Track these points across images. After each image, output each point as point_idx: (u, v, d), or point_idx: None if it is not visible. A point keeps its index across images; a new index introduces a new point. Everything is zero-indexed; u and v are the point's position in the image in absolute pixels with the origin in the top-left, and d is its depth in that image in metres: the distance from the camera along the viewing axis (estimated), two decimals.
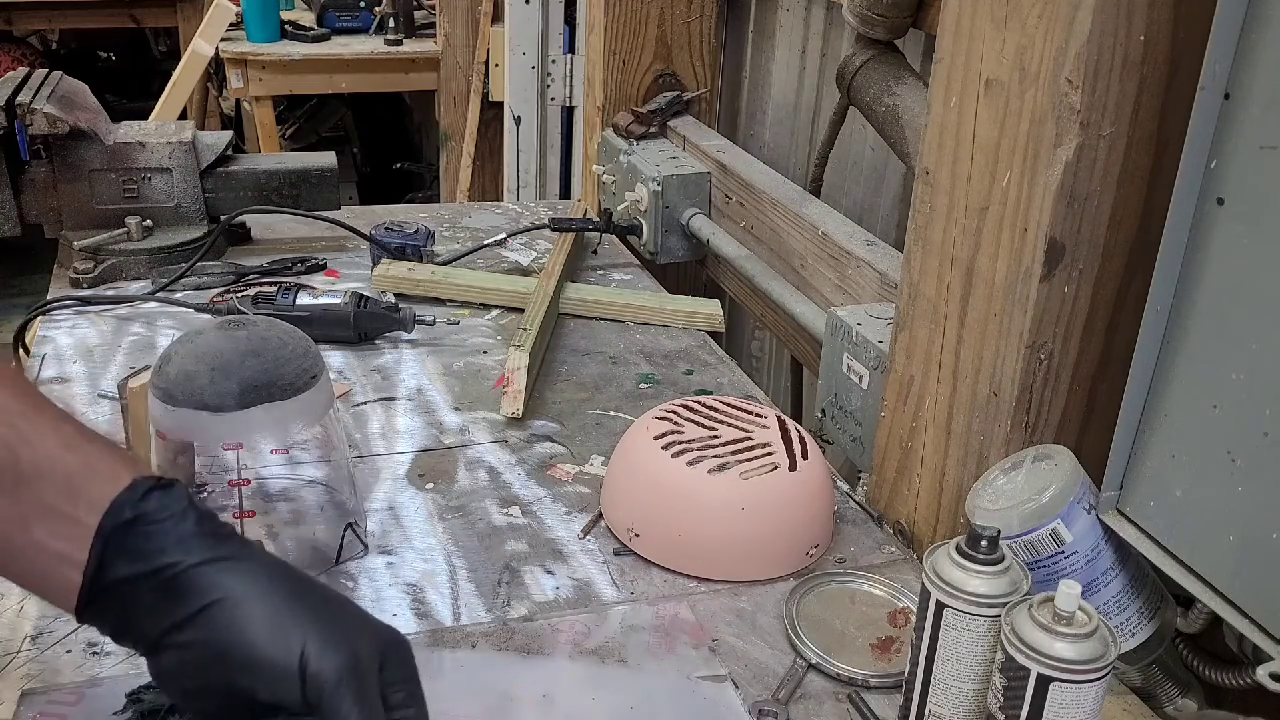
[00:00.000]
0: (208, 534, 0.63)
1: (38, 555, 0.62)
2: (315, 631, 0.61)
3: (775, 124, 1.78)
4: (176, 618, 0.61)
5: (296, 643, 0.61)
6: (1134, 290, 0.87)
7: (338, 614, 0.64)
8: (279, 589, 0.63)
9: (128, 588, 0.62)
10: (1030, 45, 0.84)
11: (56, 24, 4.09)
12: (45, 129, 1.42)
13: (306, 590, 0.64)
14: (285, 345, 0.93)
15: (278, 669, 0.60)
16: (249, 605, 0.61)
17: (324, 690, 0.60)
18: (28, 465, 0.61)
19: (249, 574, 0.62)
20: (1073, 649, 0.69)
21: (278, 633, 0.61)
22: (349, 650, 0.62)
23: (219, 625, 0.61)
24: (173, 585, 0.61)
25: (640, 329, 1.49)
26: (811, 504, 1.01)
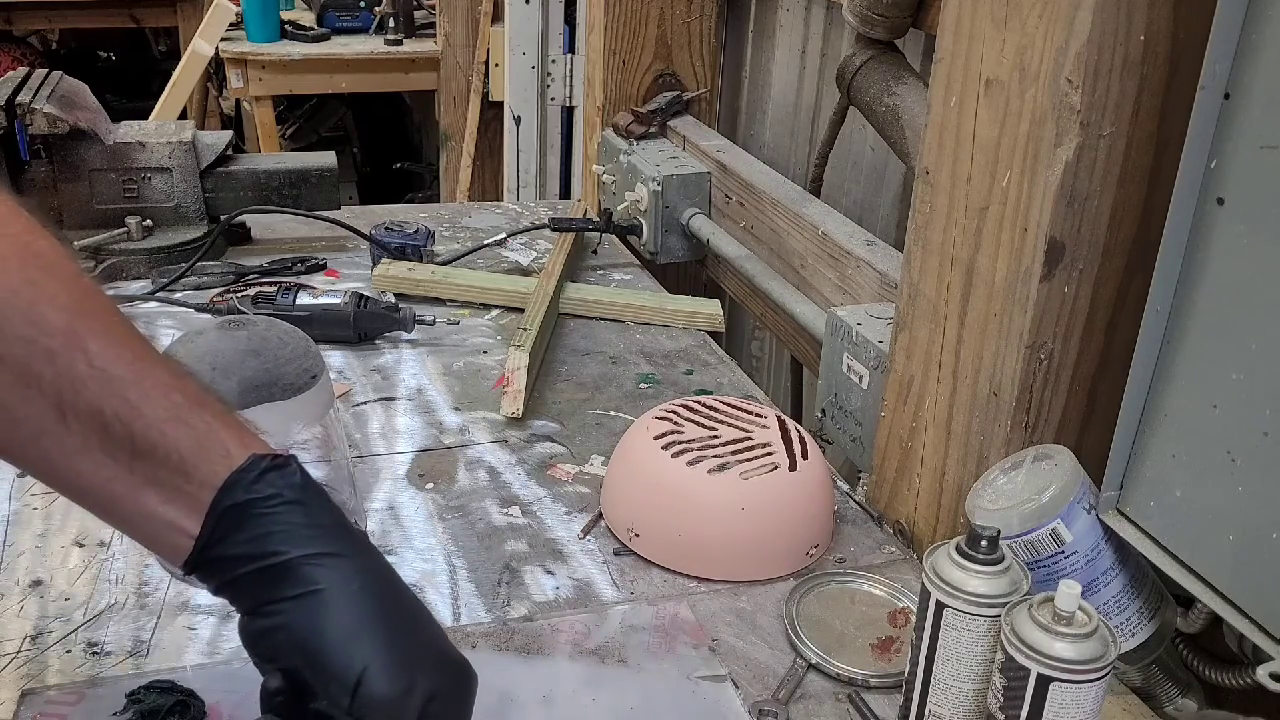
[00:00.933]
0: (316, 525, 0.66)
1: (149, 520, 0.65)
2: (382, 653, 0.64)
3: (775, 124, 1.78)
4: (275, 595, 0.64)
5: (361, 660, 0.63)
6: (1134, 290, 0.87)
7: (412, 638, 0.67)
8: (368, 598, 0.65)
9: (234, 564, 0.65)
10: (1030, 45, 0.84)
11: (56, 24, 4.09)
12: (45, 129, 1.43)
13: (393, 605, 0.67)
14: (285, 345, 0.93)
15: (337, 677, 0.63)
16: (335, 608, 0.64)
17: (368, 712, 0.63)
18: (141, 441, 0.64)
19: (346, 575, 0.65)
20: (1073, 649, 0.69)
21: (349, 644, 0.64)
22: (406, 681, 0.64)
23: (304, 616, 0.64)
24: (274, 571, 0.64)
25: (640, 329, 1.49)
26: (811, 504, 1.01)
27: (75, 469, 0.65)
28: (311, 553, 0.65)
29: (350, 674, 0.63)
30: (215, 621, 0.90)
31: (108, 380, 0.64)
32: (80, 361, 0.64)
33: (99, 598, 0.92)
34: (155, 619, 0.90)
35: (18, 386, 0.63)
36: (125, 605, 0.91)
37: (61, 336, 0.64)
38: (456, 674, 0.68)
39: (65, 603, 0.91)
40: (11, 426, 0.64)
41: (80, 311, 0.65)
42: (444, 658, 0.68)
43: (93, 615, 0.90)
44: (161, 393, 0.66)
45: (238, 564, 0.65)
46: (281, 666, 0.66)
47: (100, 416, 0.63)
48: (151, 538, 0.67)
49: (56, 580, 0.94)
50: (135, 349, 0.66)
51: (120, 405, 0.64)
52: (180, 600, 0.92)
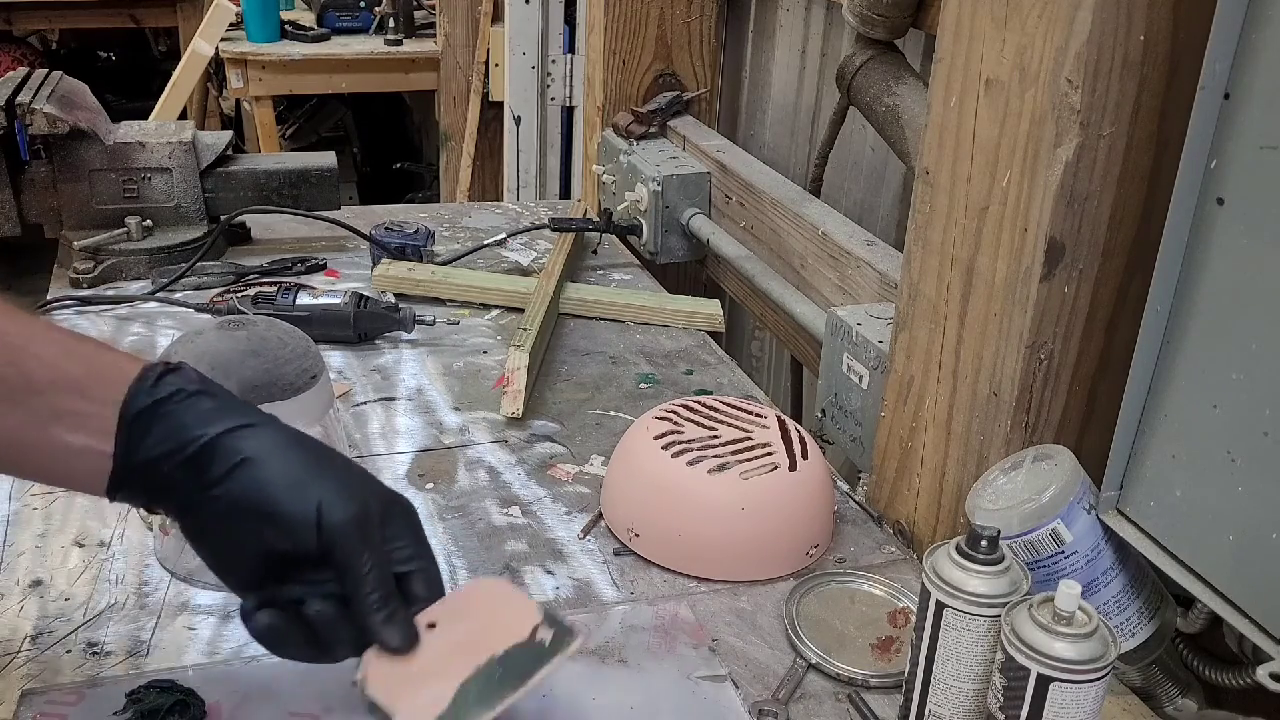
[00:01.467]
0: (223, 407, 0.69)
1: (59, 453, 0.68)
2: (329, 486, 0.68)
3: (775, 124, 1.78)
4: (206, 480, 0.67)
5: (313, 496, 0.67)
6: (1134, 290, 0.87)
7: (348, 472, 0.71)
8: (296, 450, 0.70)
9: (156, 465, 0.67)
10: (1030, 45, 0.84)
11: (56, 24, 4.09)
12: (45, 129, 1.42)
13: (320, 452, 0.71)
14: (285, 345, 0.93)
15: (296, 520, 0.67)
16: (271, 464, 0.68)
17: (337, 538, 0.67)
18: (38, 377, 0.67)
19: (268, 437, 0.69)
20: (1073, 649, 0.69)
21: (296, 488, 0.68)
22: (360, 503, 0.69)
23: (244, 483, 0.67)
24: (200, 455, 0.67)
25: (640, 329, 1.49)
26: (811, 504, 1.01)
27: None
28: (227, 428, 0.68)
29: (308, 511, 0.67)
30: (215, 621, 0.90)
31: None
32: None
33: (99, 598, 0.92)
34: (155, 619, 0.90)
35: None
36: (125, 605, 0.91)
37: None
38: (398, 497, 0.74)
39: (65, 603, 0.91)
40: None
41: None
42: (383, 487, 0.73)
43: (93, 615, 0.90)
44: (45, 335, 0.70)
45: (161, 462, 0.67)
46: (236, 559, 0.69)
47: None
48: (70, 473, 0.69)
49: (56, 580, 0.94)
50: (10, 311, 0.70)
51: (9, 353, 0.67)
52: (180, 600, 0.92)
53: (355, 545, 0.68)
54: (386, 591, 0.70)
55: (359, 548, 0.68)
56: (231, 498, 0.67)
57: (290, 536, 0.67)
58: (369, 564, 0.68)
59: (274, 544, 0.68)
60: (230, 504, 0.67)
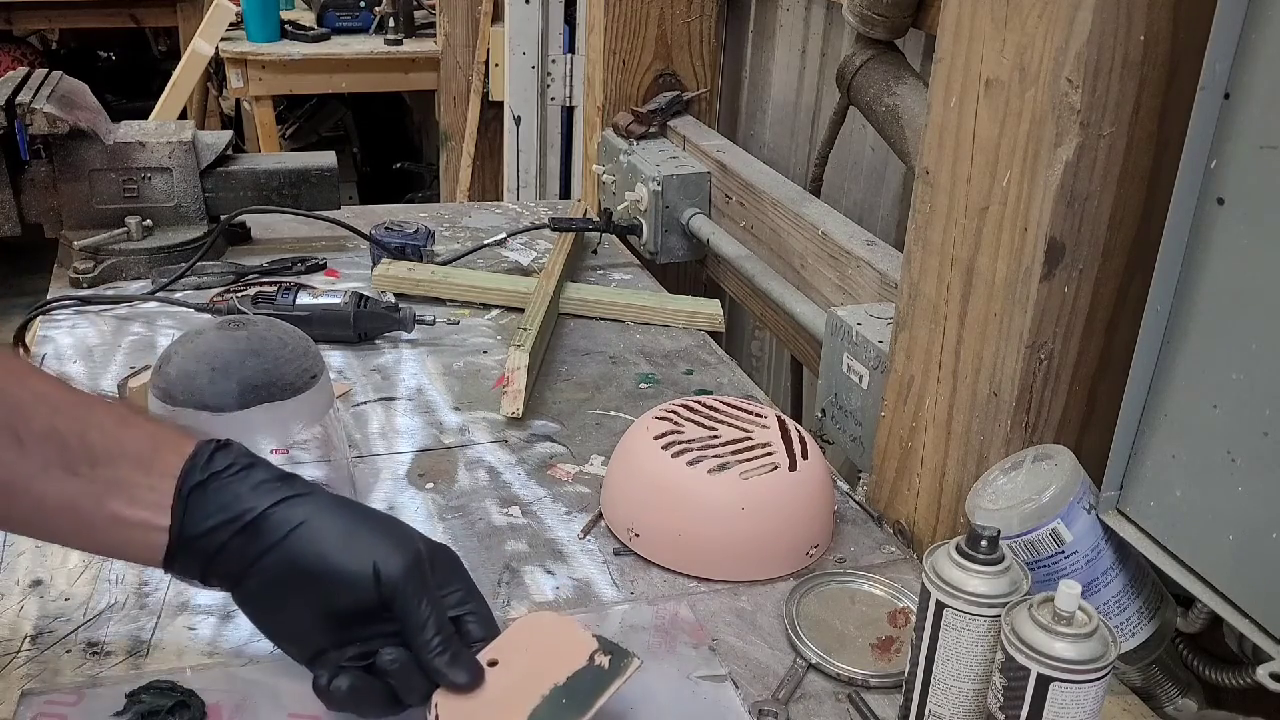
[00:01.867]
0: (274, 480, 0.73)
1: (115, 526, 0.71)
2: (381, 542, 0.73)
3: (775, 124, 1.78)
4: (260, 549, 0.71)
5: (367, 554, 0.72)
6: (1134, 290, 0.87)
7: (395, 527, 0.76)
8: (344, 514, 0.74)
9: (211, 538, 0.71)
10: (1030, 45, 0.84)
11: (56, 24, 4.08)
12: (45, 129, 1.42)
13: (366, 512, 0.77)
14: (285, 345, 0.93)
15: (354, 576, 0.71)
16: (323, 529, 0.72)
17: (396, 589, 0.71)
18: (99, 448, 0.70)
19: (317, 505, 0.73)
20: (1073, 649, 0.69)
21: (351, 547, 0.72)
22: (412, 554, 0.73)
23: (299, 547, 0.71)
24: (253, 526, 0.71)
25: (640, 329, 1.49)
26: (811, 504, 1.01)
27: (39, 491, 0.69)
28: (279, 499, 0.72)
29: (365, 567, 0.71)
30: (215, 621, 0.90)
31: (54, 404, 0.71)
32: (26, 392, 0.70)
33: (99, 598, 0.92)
34: (155, 619, 0.90)
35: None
36: (125, 605, 0.91)
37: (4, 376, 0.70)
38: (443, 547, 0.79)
39: (65, 603, 0.91)
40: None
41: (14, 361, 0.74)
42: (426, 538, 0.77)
43: (93, 615, 0.90)
44: (104, 407, 0.73)
45: (216, 533, 0.71)
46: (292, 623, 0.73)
47: (55, 434, 0.69)
48: (125, 544, 0.72)
49: (56, 580, 0.94)
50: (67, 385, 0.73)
51: (71, 422, 0.70)
52: (180, 600, 0.92)
53: (413, 593, 0.72)
54: (447, 634, 0.74)
55: (417, 595, 0.72)
56: (288, 561, 0.71)
57: (350, 592, 0.71)
58: (428, 610, 0.73)
59: (334, 602, 0.72)
60: (287, 567, 0.71)
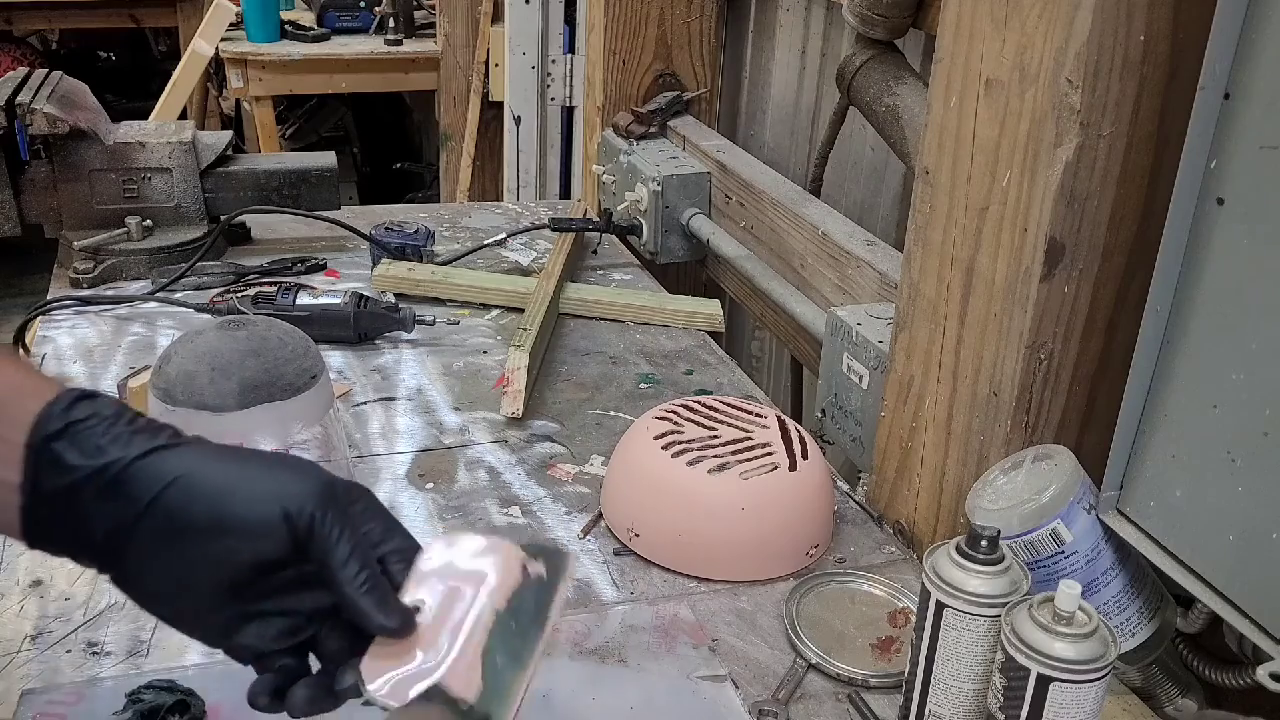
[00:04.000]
0: (143, 429, 0.60)
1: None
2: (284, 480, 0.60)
3: (775, 124, 1.78)
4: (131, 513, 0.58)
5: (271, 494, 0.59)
6: (1134, 290, 0.87)
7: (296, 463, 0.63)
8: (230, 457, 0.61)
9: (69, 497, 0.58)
10: (1030, 45, 0.84)
11: (56, 24, 4.08)
12: (45, 129, 1.42)
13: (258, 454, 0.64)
14: (285, 345, 0.93)
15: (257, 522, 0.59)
16: (209, 477, 0.59)
17: (313, 526, 0.59)
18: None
19: (195, 453, 0.60)
20: (1073, 649, 0.69)
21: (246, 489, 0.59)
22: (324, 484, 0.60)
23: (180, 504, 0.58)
24: (118, 482, 0.58)
25: (640, 329, 1.49)
26: (811, 504, 1.01)
27: None
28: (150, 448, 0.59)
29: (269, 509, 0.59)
30: None
31: None
32: None
33: (99, 598, 0.92)
34: (155, 619, 0.90)
35: None
36: (125, 605, 0.91)
37: None
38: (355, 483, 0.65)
39: (65, 603, 0.91)
40: None
41: None
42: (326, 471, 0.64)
43: (93, 615, 0.90)
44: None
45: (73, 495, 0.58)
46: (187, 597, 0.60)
47: None
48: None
49: (56, 580, 0.94)
50: None
51: None
52: None
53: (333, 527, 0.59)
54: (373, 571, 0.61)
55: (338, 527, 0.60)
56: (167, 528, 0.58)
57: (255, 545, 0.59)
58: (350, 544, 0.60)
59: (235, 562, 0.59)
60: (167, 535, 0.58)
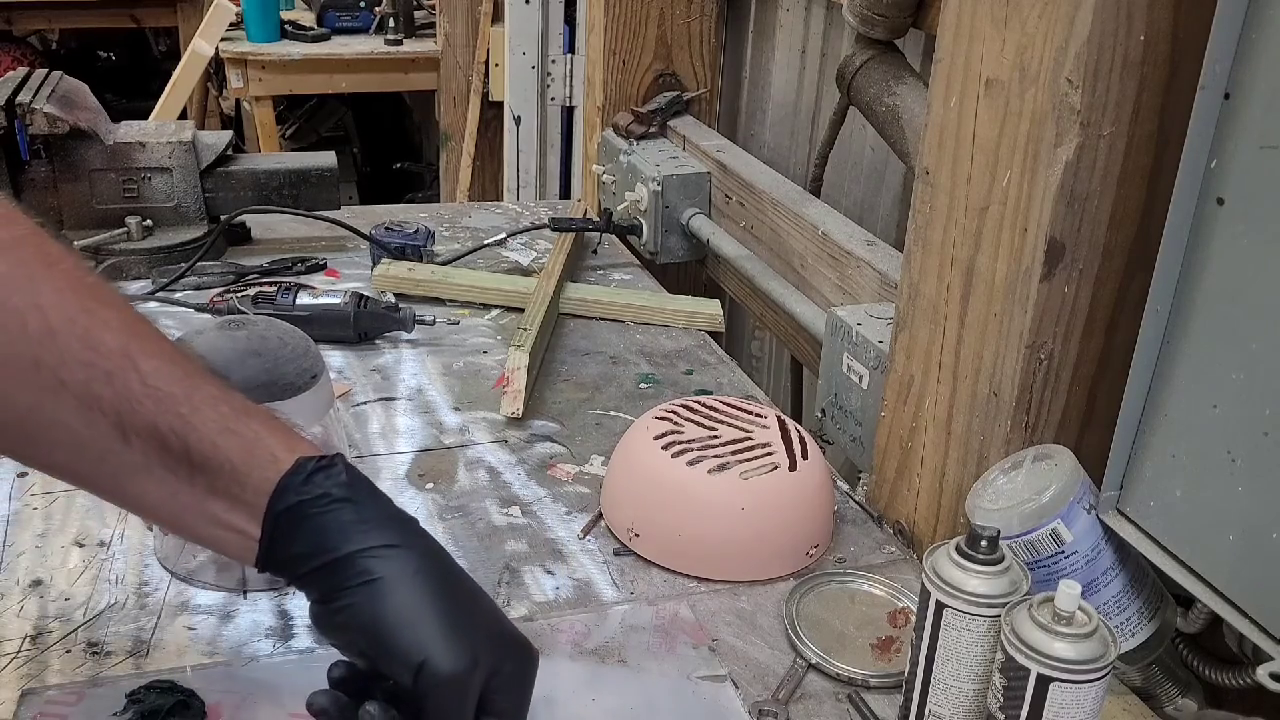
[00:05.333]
0: (366, 520, 0.69)
1: (214, 527, 0.69)
2: (442, 633, 0.67)
3: (775, 124, 1.78)
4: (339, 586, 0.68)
5: (422, 641, 0.67)
6: (1134, 290, 0.87)
7: (471, 618, 0.70)
8: (425, 582, 0.69)
9: (296, 563, 0.69)
10: (1030, 45, 0.84)
11: (56, 24, 4.09)
12: (45, 129, 1.42)
13: (450, 588, 0.70)
14: (285, 345, 0.93)
15: (400, 658, 0.66)
16: (393, 595, 0.67)
17: (431, 689, 0.66)
18: (196, 455, 0.68)
19: (402, 564, 0.68)
20: (1073, 649, 0.69)
21: (410, 627, 0.67)
22: (469, 659, 0.67)
23: (365, 602, 0.67)
24: (333, 567, 0.68)
25: (640, 329, 1.49)
26: (811, 504, 1.01)
27: (141, 487, 0.68)
28: (365, 546, 0.68)
29: (413, 657, 0.66)
30: (215, 621, 0.90)
31: (161, 397, 0.68)
32: (135, 380, 0.67)
33: (99, 598, 0.92)
34: (155, 619, 0.90)
35: (81, 410, 0.66)
36: (125, 605, 0.91)
37: (117, 358, 0.67)
38: (518, 651, 0.72)
39: (65, 603, 0.91)
40: (79, 451, 0.67)
41: (131, 333, 0.69)
42: (504, 636, 0.71)
43: (93, 615, 0.90)
44: (210, 406, 0.69)
45: (299, 562, 0.69)
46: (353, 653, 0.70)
47: (157, 433, 0.67)
48: (223, 545, 0.71)
49: (56, 580, 0.94)
50: (183, 366, 0.70)
51: (175, 421, 0.67)
52: (180, 600, 0.92)
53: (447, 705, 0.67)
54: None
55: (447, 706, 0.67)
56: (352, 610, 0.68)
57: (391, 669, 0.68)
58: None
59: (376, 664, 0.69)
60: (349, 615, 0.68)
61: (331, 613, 0.69)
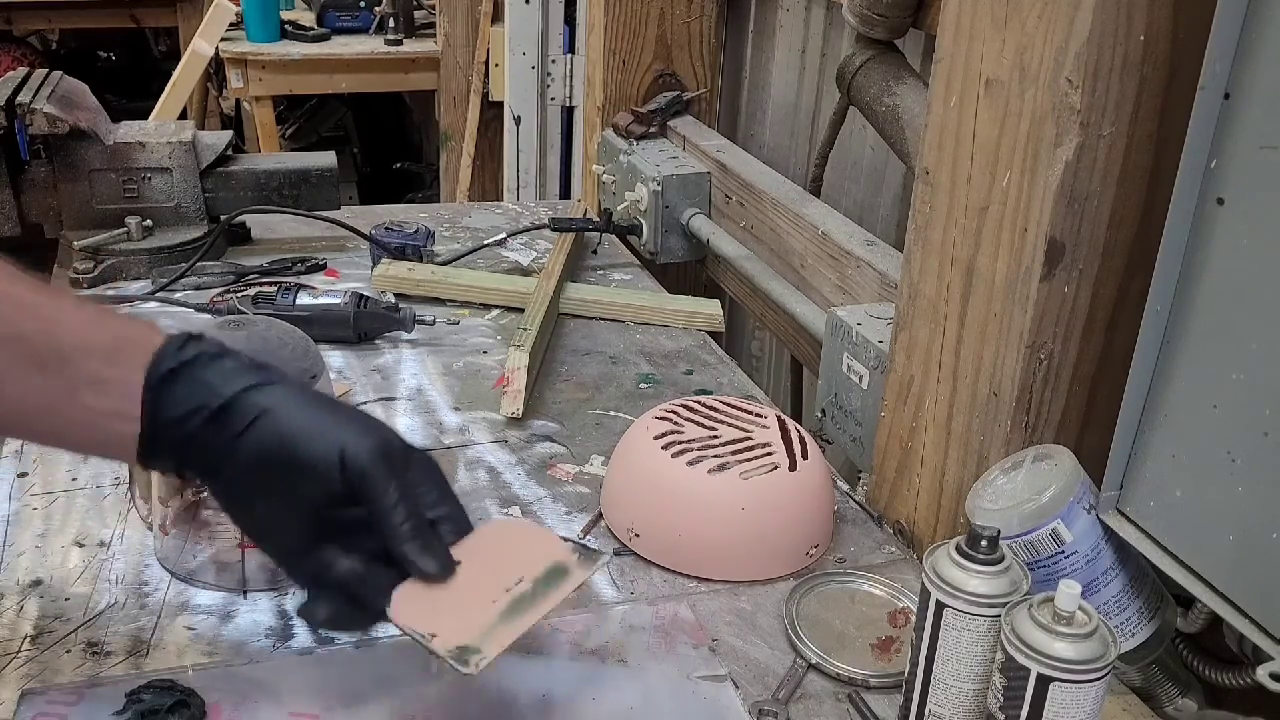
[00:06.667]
0: (243, 367, 0.73)
1: (89, 418, 0.71)
2: (349, 428, 0.72)
3: (775, 124, 1.78)
4: (230, 435, 0.71)
5: (334, 437, 0.71)
6: (1134, 290, 0.87)
7: (365, 418, 0.75)
8: (312, 401, 0.74)
9: (182, 425, 0.71)
10: (1030, 45, 0.84)
11: (56, 24, 4.08)
12: (45, 129, 1.42)
13: (337, 404, 0.76)
14: (285, 345, 0.93)
15: (319, 460, 0.70)
16: (289, 414, 0.71)
17: (364, 472, 0.70)
18: (67, 346, 0.70)
19: (286, 391, 0.73)
20: (1073, 649, 0.69)
21: (316, 431, 0.71)
22: (379, 438, 0.72)
23: (266, 433, 0.71)
24: (222, 411, 0.71)
25: (640, 329, 1.49)
26: (811, 504, 1.01)
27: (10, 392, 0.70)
28: (247, 385, 0.72)
29: (330, 451, 0.70)
30: (215, 621, 0.90)
31: (21, 304, 0.71)
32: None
33: (99, 598, 0.92)
34: (155, 619, 0.90)
35: None
36: (125, 605, 0.91)
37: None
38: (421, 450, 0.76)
39: (65, 603, 0.91)
40: None
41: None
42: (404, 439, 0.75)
43: (93, 615, 0.90)
44: (74, 307, 0.73)
45: (186, 421, 0.71)
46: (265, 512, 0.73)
47: (21, 337, 0.70)
48: (101, 439, 0.73)
49: (56, 580, 0.94)
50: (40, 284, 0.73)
51: (40, 322, 0.71)
52: (180, 600, 0.92)
53: (381, 477, 0.70)
54: (419, 520, 0.72)
55: (386, 479, 0.70)
56: (255, 448, 0.70)
57: (317, 479, 0.70)
58: (396, 494, 0.71)
59: (302, 491, 0.71)
60: (255, 455, 0.70)
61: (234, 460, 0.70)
